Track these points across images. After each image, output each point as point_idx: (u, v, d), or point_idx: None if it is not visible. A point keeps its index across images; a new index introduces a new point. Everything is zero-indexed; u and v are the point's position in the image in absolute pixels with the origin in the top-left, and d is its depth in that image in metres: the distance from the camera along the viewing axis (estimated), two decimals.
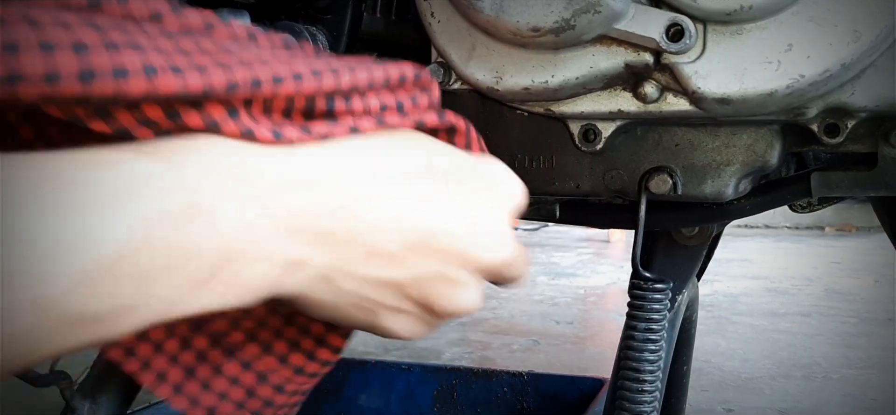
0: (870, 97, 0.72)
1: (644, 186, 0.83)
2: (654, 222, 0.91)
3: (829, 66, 0.68)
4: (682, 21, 0.70)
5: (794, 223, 6.26)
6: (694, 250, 1.03)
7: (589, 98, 0.79)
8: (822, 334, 2.78)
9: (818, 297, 3.47)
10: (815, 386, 2.19)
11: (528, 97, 0.80)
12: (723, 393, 2.11)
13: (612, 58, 0.74)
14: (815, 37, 0.68)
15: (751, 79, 0.70)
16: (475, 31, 0.78)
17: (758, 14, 0.68)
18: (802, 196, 0.86)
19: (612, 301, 3.45)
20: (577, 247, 5.30)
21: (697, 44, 0.71)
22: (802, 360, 2.43)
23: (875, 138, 0.77)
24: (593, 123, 0.81)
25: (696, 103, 0.74)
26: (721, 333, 2.76)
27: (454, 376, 1.47)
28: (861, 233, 5.89)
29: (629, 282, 0.93)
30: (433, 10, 0.80)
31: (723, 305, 3.23)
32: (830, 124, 0.76)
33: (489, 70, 0.78)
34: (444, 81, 0.82)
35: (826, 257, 4.78)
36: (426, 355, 2.49)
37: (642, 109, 0.77)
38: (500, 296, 3.49)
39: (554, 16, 0.70)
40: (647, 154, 0.83)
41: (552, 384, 1.40)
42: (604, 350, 2.56)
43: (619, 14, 0.70)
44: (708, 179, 0.82)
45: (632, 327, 0.92)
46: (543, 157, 0.85)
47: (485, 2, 0.73)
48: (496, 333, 2.83)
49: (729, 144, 0.81)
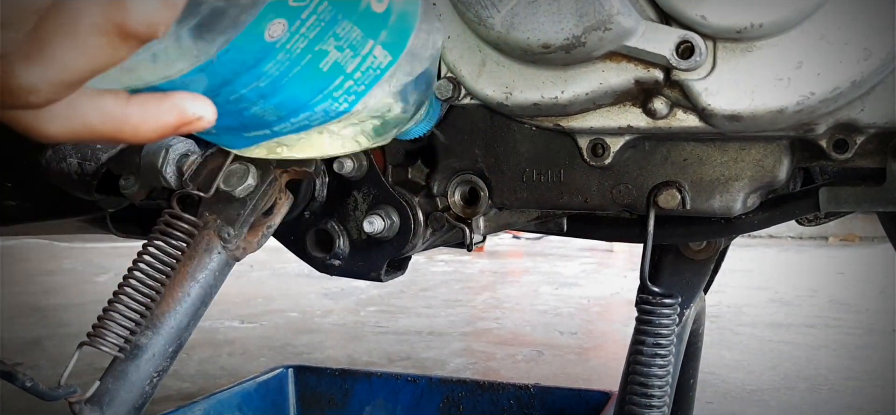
0: (879, 114, 0.72)
1: (652, 200, 0.83)
2: (663, 237, 0.92)
3: (839, 83, 0.68)
4: (693, 38, 0.70)
5: (798, 234, 6.25)
6: (702, 265, 1.03)
7: (598, 113, 0.79)
8: (827, 345, 2.77)
9: (822, 308, 3.46)
10: (819, 398, 2.18)
11: (538, 112, 0.80)
12: (727, 405, 2.11)
13: (622, 74, 0.74)
14: (825, 54, 0.68)
15: (761, 96, 0.70)
16: (485, 47, 0.78)
17: (768, 32, 0.68)
18: (811, 211, 0.86)
19: (616, 312, 3.45)
20: (581, 257, 5.29)
21: (707, 61, 0.71)
22: (807, 371, 2.43)
23: (884, 154, 0.77)
24: (602, 138, 0.81)
25: (706, 120, 0.74)
26: (725, 344, 2.76)
27: (460, 388, 1.46)
28: (865, 243, 5.89)
29: (637, 296, 0.93)
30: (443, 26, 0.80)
31: (727, 317, 3.23)
32: (839, 140, 0.76)
33: (499, 85, 0.78)
34: (454, 96, 0.82)
35: (830, 268, 4.77)
36: (430, 366, 2.49)
37: (652, 124, 0.77)
38: (504, 307, 3.49)
39: (565, 33, 0.71)
40: (656, 169, 0.83)
41: (559, 397, 1.40)
42: (608, 361, 2.56)
43: (629, 31, 0.70)
44: (716, 194, 0.82)
45: (640, 342, 0.92)
46: (552, 171, 0.86)
47: (495, 18, 0.73)
48: (500, 343, 2.83)
49: (738, 159, 0.81)
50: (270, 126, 0.56)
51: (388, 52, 0.57)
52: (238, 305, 3.50)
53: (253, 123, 0.55)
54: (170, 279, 0.85)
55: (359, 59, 0.55)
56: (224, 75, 0.49)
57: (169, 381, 2.17)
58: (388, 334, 2.96)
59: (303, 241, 0.93)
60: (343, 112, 0.58)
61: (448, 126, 0.87)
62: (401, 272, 0.95)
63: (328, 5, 0.51)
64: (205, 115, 0.47)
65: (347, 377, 1.53)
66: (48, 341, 2.86)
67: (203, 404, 1.36)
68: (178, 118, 0.46)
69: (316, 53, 0.52)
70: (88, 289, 4.09)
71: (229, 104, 0.52)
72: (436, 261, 4.99)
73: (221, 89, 0.50)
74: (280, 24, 0.48)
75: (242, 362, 2.58)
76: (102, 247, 5.62)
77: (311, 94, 0.55)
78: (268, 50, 0.49)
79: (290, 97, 0.53)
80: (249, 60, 0.49)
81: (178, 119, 0.47)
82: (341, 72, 0.55)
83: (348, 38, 0.53)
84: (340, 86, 0.56)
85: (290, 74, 0.52)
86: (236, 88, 0.51)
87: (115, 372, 0.85)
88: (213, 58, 0.47)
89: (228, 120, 0.54)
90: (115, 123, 0.45)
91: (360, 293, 3.78)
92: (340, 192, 0.91)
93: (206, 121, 0.47)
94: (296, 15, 0.49)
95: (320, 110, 0.57)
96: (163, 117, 0.46)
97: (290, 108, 0.55)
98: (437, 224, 0.90)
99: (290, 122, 0.56)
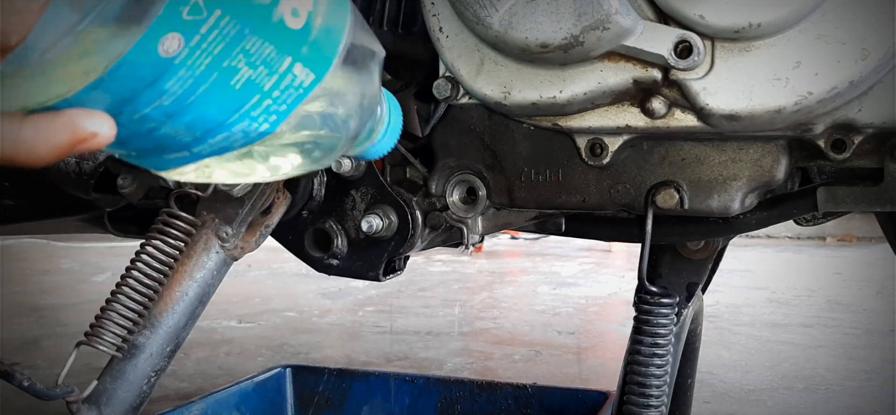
0: (877, 114, 0.73)
1: (651, 200, 0.83)
2: (661, 236, 0.92)
3: (837, 83, 0.68)
4: (691, 38, 0.70)
5: (796, 234, 6.26)
6: (699, 264, 1.03)
7: (596, 113, 0.79)
8: (824, 345, 2.78)
9: (820, 308, 3.47)
10: (817, 397, 2.19)
11: (536, 112, 0.80)
12: (725, 405, 2.11)
13: (620, 74, 0.74)
14: (823, 54, 0.68)
15: (759, 96, 0.70)
16: (484, 47, 0.78)
17: (766, 32, 0.69)
18: (808, 211, 0.86)
19: (614, 311, 3.45)
20: (579, 256, 5.30)
21: (706, 60, 0.71)
22: (804, 371, 2.43)
23: (881, 154, 0.77)
24: (600, 138, 0.81)
25: (704, 119, 0.74)
26: (723, 344, 2.76)
27: (458, 388, 1.46)
28: (862, 243, 5.89)
29: (635, 296, 0.93)
30: (442, 25, 0.80)
31: (725, 316, 3.23)
32: (837, 140, 0.76)
33: (497, 85, 0.78)
34: (452, 95, 0.82)
35: (828, 268, 4.77)
36: (428, 365, 2.49)
37: (650, 124, 0.77)
38: (502, 307, 3.49)
39: (563, 32, 0.71)
40: (654, 168, 0.83)
41: (557, 397, 1.40)
42: (606, 361, 2.56)
43: (627, 31, 0.70)
44: (714, 194, 0.82)
45: (638, 342, 0.92)
46: (550, 171, 0.86)
47: (494, 18, 0.73)
48: (498, 343, 2.83)
49: (736, 158, 0.81)
50: (188, 148, 0.53)
51: (310, 70, 0.54)
52: (236, 305, 3.50)
53: (170, 145, 0.52)
54: (168, 279, 0.85)
55: (276, 76, 0.52)
56: (122, 93, 0.47)
57: (166, 380, 2.17)
58: (386, 334, 2.97)
59: (301, 240, 0.93)
60: (265, 132, 0.54)
61: (446, 125, 0.87)
62: (399, 272, 0.95)
63: (231, 19, 0.48)
64: (100, 131, 0.46)
65: (345, 377, 1.53)
66: (46, 341, 2.86)
67: (201, 404, 1.36)
68: (72, 136, 0.45)
69: (224, 70, 0.49)
70: (86, 288, 4.09)
71: (135, 124, 0.49)
72: (434, 261, 5.00)
73: (123, 108, 0.48)
74: (175, 39, 0.46)
75: (240, 361, 2.58)
76: (100, 246, 5.61)
77: (225, 113, 0.51)
78: (165, 66, 0.47)
79: (201, 116, 0.50)
80: (147, 77, 0.47)
81: (72, 136, 0.45)
82: (257, 90, 0.52)
83: (261, 55, 0.50)
84: (258, 104, 0.52)
85: (196, 92, 0.49)
86: (138, 108, 0.48)
87: (112, 372, 0.85)
88: (102, 75, 0.44)
89: (142, 142, 0.51)
90: (10, 146, 0.44)
91: (358, 293, 3.78)
92: (339, 191, 0.91)
93: (102, 137, 0.46)
94: (194, 29, 0.47)
95: (238, 130, 0.53)
96: (57, 136, 0.45)
97: (204, 128, 0.51)
98: (435, 223, 0.90)
99: (207, 143, 0.53)
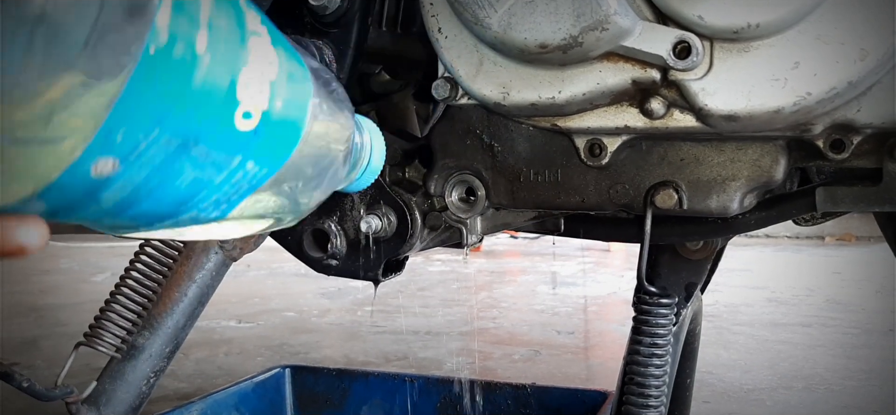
0: (875, 114, 0.73)
1: (649, 200, 0.83)
2: (660, 237, 0.92)
3: (836, 84, 0.68)
4: (690, 38, 0.70)
5: (795, 233, 6.26)
6: (698, 264, 1.03)
7: (595, 113, 0.79)
8: (824, 344, 2.78)
9: (819, 307, 3.47)
10: (816, 397, 2.19)
11: (535, 112, 0.80)
12: (724, 404, 2.11)
13: (619, 74, 0.74)
14: (821, 55, 0.68)
15: (758, 96, 0.70)
16: (482, 47, 0.78)
17: (765, 32, 0.69)
18: (807, 211, 0.86)
19: (613, 311, 3.45)
20: (578, 256, 5.30)
21: (704, 61, 0.71)
22: (804, 371, 2.43)
23: (880, 154, 0.77)
24: (599, 138, 0.81)
25: (703, 120, 0.74)
26: (722, 343, 2.76)
27: (457, 388, 1.46)
28: (861, 243, 5.90)
29: (634, 296, 0.93)
30: (440, 26, 0.80)
31: (724, 316, 3.23)
32: (836, 140, 0.76)
33: (496, 85, 0.79)
34: (451, 96, 0.83)
35: (827, 267, 4.78)
36: (427, 365, 2.49)
37: (649, 124, 0.77)
38: (501, 306, 3.49)
39: (562, 33, 0.71)
40: (653, 169, 0.83)
41: (556, 397, 1.40)
42: (605, 361, 2.56)
43: (626, 31, 0.70)
44: (713, 194, 0.82)
45: (637, 342, 0.92)
46: (549, 171, 0.86)
47: (493, 18, 0.73)
48: (497, 343, 2.83)
49: (734, 158, 0.81)
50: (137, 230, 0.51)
51: (262, 166, 0.52)
52: (235, 305, 3.50)
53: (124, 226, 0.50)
54: (167, 279, 0.85)
55: (226, 173, 0.50)
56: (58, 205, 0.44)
57: (166, 381, 2.17)
58: (385, 334, 2.97)
59: (300, 241, 0.93)
60: (216, 218, 0.53)
61: (445, 126, 0.87)
62: (398, 272, 0.95)
63: (170, 137, 0.45)
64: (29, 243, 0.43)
65: (345, 377, 1.53)
66: (45, 341, 2.86)
67: (200, 404, 1.36)
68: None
69: (169, 174, 0.47)
70: (85, 289, 4.08)
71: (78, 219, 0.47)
72: (433, 261, 5.00)
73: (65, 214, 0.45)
74: (108, 163, 0.43)
75: (239, 361, 2.58)
76: (99, 246, 5.61)
77: (171, 208, 0.49)
78: (100, 184, 0.44)
79: (145, 212, 0.48)
80: (80, 195, 0.44)
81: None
82: (204, 186, 0.49)
83: (209, 158, 0.48)
84: (206, 198, 0.51)
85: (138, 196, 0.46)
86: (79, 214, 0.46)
87: (112, 372, 0.85)
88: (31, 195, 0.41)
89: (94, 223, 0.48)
90: None
91: (357, 293, 3.78)
92: (337, 191, 0.91)
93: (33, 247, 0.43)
94: (130, 149, 0.43)
95: (187, 218, 0.51)
96: None
97: (150, 219, 0.49)
98: (434, 224, 0.90)
99: (156, 226, 0.51)
